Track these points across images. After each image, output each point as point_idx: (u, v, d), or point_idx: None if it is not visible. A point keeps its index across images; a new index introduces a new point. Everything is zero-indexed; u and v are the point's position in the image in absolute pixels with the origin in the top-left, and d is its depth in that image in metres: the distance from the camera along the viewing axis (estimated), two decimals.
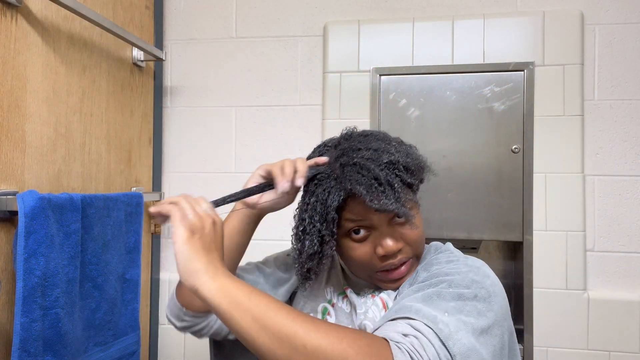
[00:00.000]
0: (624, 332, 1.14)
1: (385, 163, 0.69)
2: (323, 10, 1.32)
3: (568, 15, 1.19)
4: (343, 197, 0.69)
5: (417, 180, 0.73)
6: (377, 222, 0.70)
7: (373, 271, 0.73)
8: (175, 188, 1.38)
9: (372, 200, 0.66)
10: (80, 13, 0.91)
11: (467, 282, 0.65)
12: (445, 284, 0.64)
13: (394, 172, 0.69)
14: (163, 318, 1.36)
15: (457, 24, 1.23)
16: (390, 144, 0.72)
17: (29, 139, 0.87)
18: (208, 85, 1.37)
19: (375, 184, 0.67)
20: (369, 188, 0.66)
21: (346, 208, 0.71)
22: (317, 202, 0.71)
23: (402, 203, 0.67)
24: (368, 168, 0.68)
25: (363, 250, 0.72)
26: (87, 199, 0.91)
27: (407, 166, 0.70)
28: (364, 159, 0.68)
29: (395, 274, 0.72)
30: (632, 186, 1.19)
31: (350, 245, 0.73)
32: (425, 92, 1.23)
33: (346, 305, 0.79)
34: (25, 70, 0.87)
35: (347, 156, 0.70)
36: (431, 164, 0.79)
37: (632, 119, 1.19)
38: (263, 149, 1.34)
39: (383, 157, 0.69)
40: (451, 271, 0.67)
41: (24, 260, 0.76)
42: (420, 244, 0.74)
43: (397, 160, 0.69)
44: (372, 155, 0.69)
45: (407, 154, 0.72)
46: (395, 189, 0.67)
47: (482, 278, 0.67)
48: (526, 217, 1.19)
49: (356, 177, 0.67)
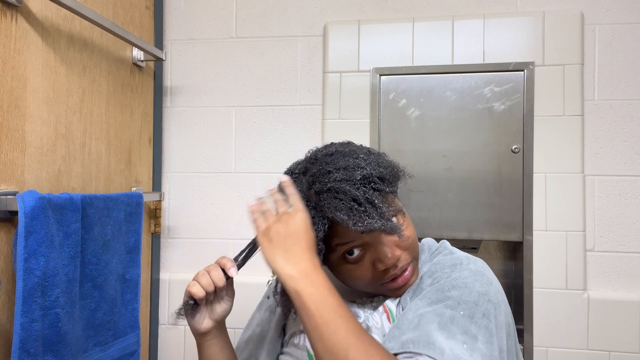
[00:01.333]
0: (624, 332, 1.14)
1: (359, 180, 0.66)
2: (323, 10, 1.32)
3: (568, 15, 1.19)
4: (328, 225, 0.67)
5: (395, 187, 0.73)
6: (368, 239, 0.69)
7: (378, 285, 0.73)
8: (175, 188, 1.38)
9: (355, 224, 0.64)
10: (80, 13, 0.91)
11: (474, 296, 0.65)
12: (453, 302, 0.64)
13: (371, 187, 0.67)
14: (163, 318, 1.36)
15: (457, 24, 1.23)
16: (358, 158, 0.70)
17: (29, 139, 0.87)
18: (208, 85, 1.37)
19: (355, 205, 0.65)
20: (349, 212, 0.64)
21: (334, 235, 0.69)
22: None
23: (387, 217, 0.66)
24: (344, 191, 0.65)
25: (362, 269, 0.71)
26: (87, 199, 0.91)
27: (381, 177, 0.69)
28: (337, 182, 0.66)
29: (401, 280, 0.72)
30: (632, 186, 1.19)
31: (348, 267, 0.72)
32: (425, 92, 1.23)
33: None
34: (25, 70, 0.87)
35: (319, 182, 0.68)
36: (405, 166, 0.78)
37: (632, 119, 1.19)
38: (263, 149, 1.34)
39: (356, 174, 0.67)
40: (458, 282, 0.66)
41: (24, 260, 0.76)
42: (415, 245, 0.74)
43: (370, 173, 0.67)
44: (345, 175, 0.67)
45: (378, 164, 0.70)
46: (376, 205, 0.65)
47: (487, 287, 0.67)
48: (526, 217, 1.19)
49: (334, 203, 0.65)
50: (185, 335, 1.34)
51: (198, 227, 1.36)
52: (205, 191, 1.37)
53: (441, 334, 0.60)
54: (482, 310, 0.63)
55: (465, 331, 0.61)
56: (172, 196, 1.38)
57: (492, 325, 0.63)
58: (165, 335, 1.36)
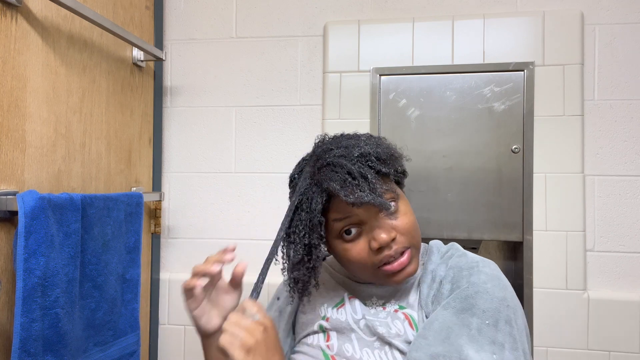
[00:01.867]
0: (624, 332, 1.14)
1: (357, 157, 0.71)
2: (323, 10, 1.32)
3: (568, 15, 1.19)
4: (326, 198, 0.71)
5: (392, 169, 0.74)
6: (364, 216, 0.71)
7: (375, 268, 0.73)
8: (175, 188, 1.38)
9: (347, 195, 0.67)
10: (80, 13, 0.91)
11: (495, 303, 0.67)
12: (478, 310, 0.66)
13: (367, 164, 0.71)
14: (163, 318, 1.36)
15: (457, 24, 1.23)
16: (359, 139, 0.75)
17: (29, 139, 0.87)
18: (208, 85, 1.37)
19: (349, 178, 0.68)
20: (343, 183, 0.68)
21: (331, 209, 0.72)
22: (302, 211, 0.73)
23: (379, 194, 0.68)
24: (341, 164, 0.70)
25: (358, 249, 0.72)
26: (87, 199, 0.91)
27: (378, 156, 0.72)
28: (336, 157, 0.71)
29: (396, 264, 0.72)
30: (632, 186, 1.19)
31: (345, 247, 0.73)
32: (425, 92, 1.23)
33: (341, 315, 0.79)
34: (25, 70, 0.87)
35: (321, 159, 0.72)
36: (402, 149, 0.80)
37: (632, 119, 1.19)
38: (263, 149, 1.34)
39: (354, 152, 0.71)
40: (479, 289, 0.69)
41: (24, 260, 0.77)
42: (413, 231, 0.74)
43: (368, 152, 0.71)
44: (344, 152, 0.71)
45: (377, 145, 0.74)
46: (369, 180, 0.69)
47: (504, 292, 0.70)
48: (526, 217, 1.19)
49: (330, 175, 0.69)
50: (185, 335, 1.34)
51: (198, 227, 1.36)
52: (205, 191, 1.37)
53: (471, 348, 0.63)
54: (504, 317, 0.66)
55: (492, 341, 0.64)
56: (172, 196, 1.38)
57: (515, 330, 0.66)
58: (165, 335, 1.36)
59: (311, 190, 0.72)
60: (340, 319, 0.78)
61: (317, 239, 0.72)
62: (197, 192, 1.37)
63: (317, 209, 0.70)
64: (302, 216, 0.72)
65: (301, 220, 0.72)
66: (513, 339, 0.65)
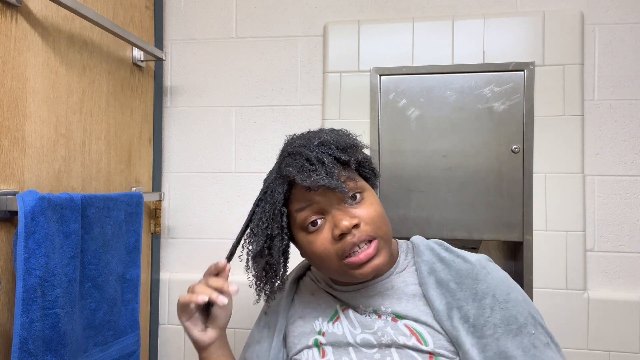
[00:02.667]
0: (624, 332, 1.14)
1: (316, 145, 0.72)
2: (323, 10, 1.32)
3: (568, 15, 1.19)
4: (287, 188, 0.72)
5: (352, 157, 0.74)
6: (325, 204, 0.71)
7: (340, 261, 0.70)
8: (175, 188, 1.38)
9: (303, 179, 0.68)
10: (80, 13, 0.91)
11: (524, 317, 0.71)
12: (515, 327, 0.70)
13: (326, 152, 0.71)
14: (163, 318, 1.36)
15: (457, 24, 1.23)
16: (322, 131, 0.76)
17: (29, 139, 0.87)
18: (208, 85, 1.37)
19: (307, 164, 0.69)
20: (300, 169, 0.69)
21: (292, 200, 0.73)
22: (265, 203, 0.74)
23: (336, 178, 0.69)
24: (300, 152, 0.71)
25: (321, 239, 0.71)
26: (87, 199, 0.91)
27: (337, 145, 0.73)
28: (296, 147, 0.72)
29: (362, 255, 0.69)
30: (632, 186, 1.19)
31: (309, 239, 0.73)
32: (425, 92, 1.23)
33: (337, 328, 0.77)
34: (25, 70, 0.87)
35: (284, 152, 0.75)
36: (360, 138, 0.81)
37: (632, 119, 1.19)
38: (263, 149, 1.34)
39: (314, 141, 0.73)
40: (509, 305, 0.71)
41: (24, 260, 0.76)
42: (379, 222, 0.72)
43: (327, 139, 0.73)
44: (304, 142, 0.73)
45: (338, 134, 0.75)
46: (325, 164, 0.69)
47: (523, 295, 0.74)
48: (526, 217, 1.19)
49: (289, 162, 0.71)
50: (185, 336, 1.34)
51: (198, 227, 1.36)
52: (205, 191, 1.37)
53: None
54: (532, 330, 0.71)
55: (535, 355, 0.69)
56: (172, 196, 1.38)
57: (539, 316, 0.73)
58: (165, 335, 1.36)
59: (275, 183, 0.73)
60: (336, 333, 0.77)
61: (278, 229, 0.73)
62: (197, 192, 1.37)
63: (278, 199, 0.72)
64: (265, 208, 0.74)
65: (264, 212, 0.73)
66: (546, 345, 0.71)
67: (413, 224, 1.22)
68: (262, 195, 0.76)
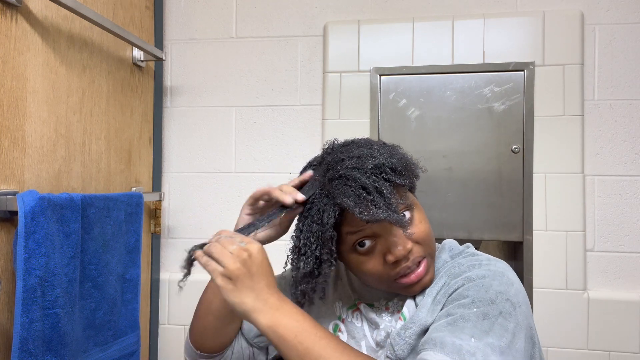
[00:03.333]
0: (624, 332, 1.14)
1: (371, 169, 0.67)
2: (323, 10, 1.32)
3: (568, 15, 1.19)
4: (338, 212, 0.67)
5: (407, 180, 0.71)
6: (379, 229, 0.68)
7: (391, 280, 0.70)
8: (175, 188, 1.38)
9: (361, 212, 0.64)
10: (80, 13, 0.91)
11: (491, 294, 0.64)
12: (468, 300, 0.64)
13: (382, 177, 0.67)
14: (163, 318, 1.36)
15: (457, 24, 1.23)
16: (372, 148, 0.71)
17: (29, 139, 0.87)
18: (208, 85, 1.37)
19: (364, 193, 0.65)
20: (357, 199, 0.64)
21: (344, 222, 0.69)
22: (312, 222, 0.69)
23: (394, 209, 0.65)
24: (354, 178, 0.66)
25: (374, 262, 0.69)
26: (87, 199, 0.91)
27: (393, 167, 0.68)
28: (349, 169, 0.67)
29: (414, 276, 0.69)
30: (632, 186, 1.19)
31: (359, 260, 0.70)
32: (425, 92, 1.23)
33: (357, 320, 0.77)
34: (25, 70, 0.87)
35: (332, 170, 0.69)
36: (418, 160, 0.77)
37: (632, 119, 1.19)
38: (263, 149, 1.34)
39: (367, 163, 0.67)
40: (474, 284, 0.66)
41: (24, 260, 0.76)
42: (429, 241, 0.71)
43: (382, 163, 0.68)
44: (357, 164, 0.67)
45: (392, 155, 0.70)
46: (384, 195, 0.65)
47: (507, 287, 0.65)
48: (526, 217, 1.19)
49: (344, 189, 0.66)
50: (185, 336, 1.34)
51: (198, 227, 1.36)
52: (205, 191, 1.37)
53: (448, 333, 0.60)
54: (498, 309, 0.62)
55: (474, 326, 0.60)
56: (172, 196, 1.38)
57: (511, 325, 0.62)
58: (165, 335, 1.36)
59: (322, 202, 0.68)
60: (356, 324, 0.76)
61: (327, 254, 0.69)
62: (197, 192, 1.37)
63: (329, 222, 0.67)
64: (312, 228, 0.69)
65: (312, 232, 0.69)
66: (504, 329, 0.60)
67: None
68: (307, 212, 0.70)
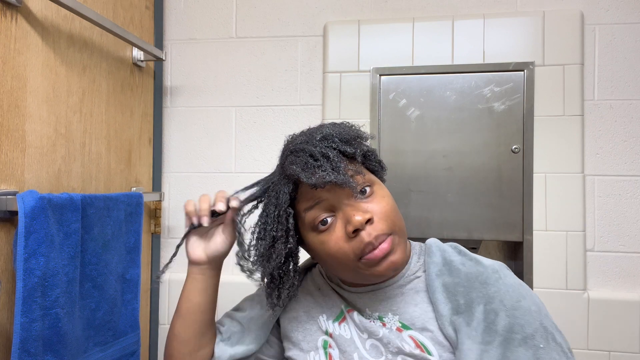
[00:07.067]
0: (624, 332, 1.14)
1: (319, 140, 0.69)
2: (323, 10, 1.32)
3: (568, 15, 1.19)
4: (292, 187, 0.69)
5: (357, 149, 0.71)
6: (334, 200, 0.68)
7: (356, 260, 0.67)
8: (175, 188, 1.38)
9: (308, 177, 0.65)
10: (80, 13, 0.91)
11: (537, 320, 0.65)
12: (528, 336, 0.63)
13: (330, 146, 0.68)
14: (163, 318, 1.36)
15: (457, 24, 1.23)
16: (323, 126, 0.73)
17: (29, 139, 0.87)
18: (208, 85, 1.37)
19: (311, 160, 0.66)
20: (304, 166, 0.66)
21: (299, 200, 0.70)
22: (269, 205, 0.71)
23: (342, 172, 0.65)
24: (303, 149, 0.68)
25: (334, 238, 0.67)
26: (87, 198, 0.91)
27: (341, 137, 0.70)
28: (299, 144, 0.69)
29: (377, 252, 0.66)
30: (632, 186, 1.19)
31: (321, 239, 0.69)
32: (425, 92, 1.23)
33: (345, 331, 0.74)
34: (25, 70, 0.87)
35: (286, 150, 0.72)
36: (363, 128, 0.78)
37: (632, 119, 1.19)
38: (263, 149, 1.34)
39: (316, 136, 0.69)
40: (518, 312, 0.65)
41: (24, 260, 0.76)
42: (393, 216, 0.69)
43: (330, 133, 0.70)
44: (306, 138, 0.70)
45: (340, 127, 0.72)
46: (330, 159, 0.66)
47: (538, 306, 0.67)
48: (526, 217, 1.19)
49: (292, 159, 0.68)
50: None
51: None
52: (205, 191, 1.36)
53: None
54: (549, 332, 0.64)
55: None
56: (172, 196, 1.38)
57: (557, 335, 0.65)
58: (165, 336, 1.35)
59: (279, 183, 0.70)
60: (344, 336, 0.74)
61: (282, 231, 0.69)
62: (197, 192, 1.37)
63: (283, 199, 0.68)
64: (269, 210, 0.71)
65: (269, 213, 0.70)
66: (559, 346, 0.64)
67: (413, 224, 1.21)
68: (265, 196, 0.73)
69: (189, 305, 0.79)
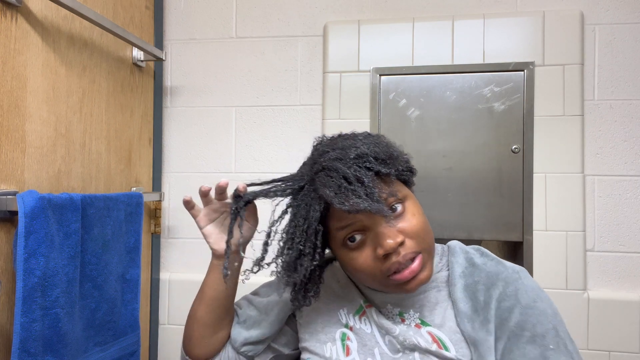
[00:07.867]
0: (624, 332, 1.14)
1: (353, 158, 0.66)
2: (323, 10, 1.32)
3: (568, 15, 1.19)
4: (324, 206, 0.66)
5: (392, 169, 0.69)
6: (367, 222, 0.66)
7: (384, 277, 0.67)
8: (175, 188, 1.38)
9: (341, 202, 0.62)
10: (80, 13, 0.91)
11: (548, 326, 0.67)
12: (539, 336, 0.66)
13: (364, 166, 0.65)
14: (163, 318, 1.36)
15: (457, 24, 1.23)
16: (356, 139, 0.70)
17: (29, 139, 0.87)
18: (208, 85, 1.37)
19: (345, 183, 0.63)
20: (337, 190, 0.63)
21: (331, 217, 0.68)
22: (299, 217, 0.68)
23: (376, 199, 0.63)
24: (336, 169, 0.65)
25: (364, 257, 0.67)
26: (87, 199, 0.91)
27: (377, 156, 0.67)
28: (332, 161, 0.66)
29: (407, 272, 0.65)
30: (632, 186, 1.19)
31: (350, 256, 0.69)
32: (425, 92, 1.23)
33: (366, 325, 0.74)
34: (25, 70, 0.87)
35: (317, 163, 0.68)
36: (402, 147, 0.76)
37: (632, 119, 1.19)
38: (263, 149, 1.34)
39: (350, 153, 0.66)
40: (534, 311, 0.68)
41: (24, 260, 0.76)
42: (423, 234, 0.67)
43: (365, 152, 0.66)
44: (339, 155, 0.66)
45: (376, 144, 0.69)
46: (365, 184, 0.63)
47: (553, 309, 0.70)
48: (526, 217, 1.19)
49: (325, 181, 0.65)
50: None
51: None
52: None
53: None
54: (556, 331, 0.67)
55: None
56: (172, 196, 1.38)
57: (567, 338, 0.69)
58: (165, 335, 1.36)
59: (309, 196, 0.67)
60: (365, 331, 0.73)
61: (310, 247, 0.67)
62: (197, 192, 1.37)
63: (314, 217, 0.66)
64: (299, 222, 0.68)
65: (298, 227, 0.68)
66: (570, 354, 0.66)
67: None
68: (294, 206, 0.69)
69: (214, 294, 0.79)
